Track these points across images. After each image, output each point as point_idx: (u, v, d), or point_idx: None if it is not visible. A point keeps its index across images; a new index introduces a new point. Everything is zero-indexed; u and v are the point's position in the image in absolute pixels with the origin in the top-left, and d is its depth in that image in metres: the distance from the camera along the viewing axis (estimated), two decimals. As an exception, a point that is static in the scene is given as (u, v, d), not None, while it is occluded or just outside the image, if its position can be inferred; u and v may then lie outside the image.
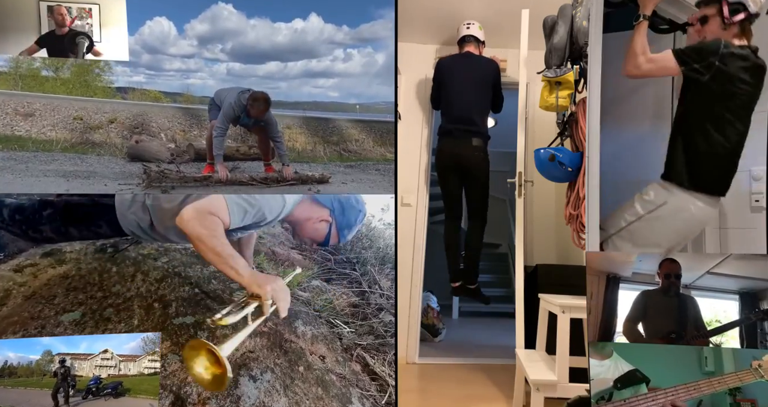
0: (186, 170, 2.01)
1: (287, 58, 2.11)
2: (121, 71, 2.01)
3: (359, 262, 2.37)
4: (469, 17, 3.82)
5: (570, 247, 3.38)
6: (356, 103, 2.19)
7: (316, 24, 2.06)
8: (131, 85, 2.05)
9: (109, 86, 2.03)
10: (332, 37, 2.11)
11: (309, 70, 2.15)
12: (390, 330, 2.15)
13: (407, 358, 3.99)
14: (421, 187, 4.15)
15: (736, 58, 2.01)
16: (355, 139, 2.27)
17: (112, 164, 1.96)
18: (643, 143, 2.55)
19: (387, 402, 1.95)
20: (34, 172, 1.87)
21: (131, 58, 1.99)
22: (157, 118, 2.11)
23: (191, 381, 1.72)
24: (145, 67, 2.03)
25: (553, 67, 2.83)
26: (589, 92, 2.20)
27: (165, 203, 1.73)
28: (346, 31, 2.07)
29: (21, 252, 1.93)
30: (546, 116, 3.48)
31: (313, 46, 2.10)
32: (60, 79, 2.01)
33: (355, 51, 2.13)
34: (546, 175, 2.89)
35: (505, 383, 3.35)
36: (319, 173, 2.16)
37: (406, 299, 3.99)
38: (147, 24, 1.96)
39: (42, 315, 1.75)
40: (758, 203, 2.23)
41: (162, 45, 1.99)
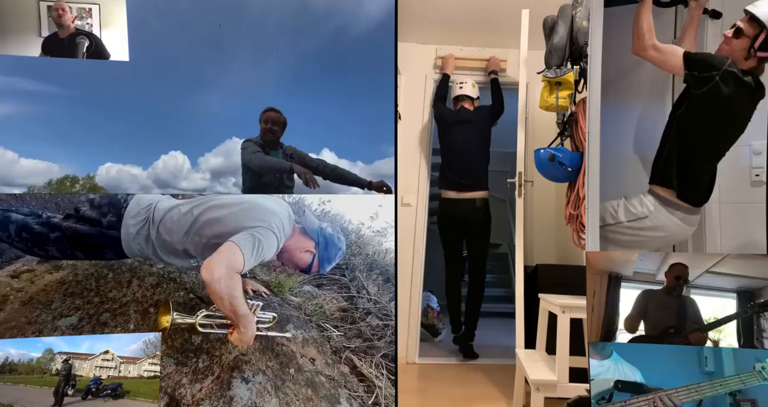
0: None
1: (300, 192, 2.11)
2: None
3: (348, 268, 2.41)
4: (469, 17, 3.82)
5: (570, 247, 3.38)
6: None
7: (330, 159, 2.06)
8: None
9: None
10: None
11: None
12: (377, 333, 2.18)
13: (407, 358, 3.99)
14: (421, 187, 4.15)
15: (737, 81, 2.00)
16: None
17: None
18: (643, 119, 2.55)
19: (374, 402, 1.99)
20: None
21: (141, 193, 1.99)
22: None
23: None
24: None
25: (553, 67, 2.83)
26: (589, 92, 2.20)
27: (168, 236, 1.81)
28: (362, 166, 2.08)
29: (18, 258, 1.93)
30: (546, 116, 3.48)
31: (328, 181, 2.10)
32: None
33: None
34: (546, 175, 2.89)
35: (505, 383, 3.35)
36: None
37: (406, 299, 4.00)
38: (162, 158, 1.95)
39: (39, 320, 1.77)
40: (758, 177, 2.25)
41: (174, 179, 1.98)
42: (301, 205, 2.13)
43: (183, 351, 1.83)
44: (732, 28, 2.06)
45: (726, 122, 2.10)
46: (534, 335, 3.07)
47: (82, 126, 1.93)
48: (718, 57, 2.06)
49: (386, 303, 2.27)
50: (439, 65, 4.18)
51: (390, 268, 2.38)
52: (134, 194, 1.88)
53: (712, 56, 2.09)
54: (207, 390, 1.77)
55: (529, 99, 3.51)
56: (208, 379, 1.79)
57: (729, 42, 2.06)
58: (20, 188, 1.86)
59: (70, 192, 1.90)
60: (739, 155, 2.23)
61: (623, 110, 2.54)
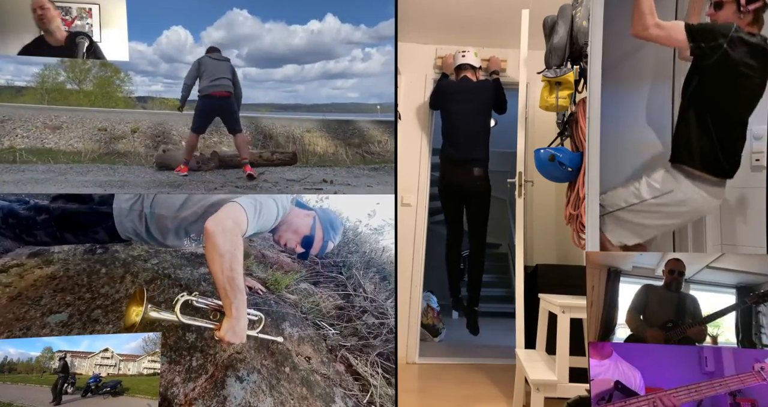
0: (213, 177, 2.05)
1: (304, 61, 2.09)
2: (140, 81, 2.03)
3: (345, 266, 2.40)
4: (469, 17, 3.82)
5: (570, 247, 3.38)
6: (377, 103, 2.16)
7: (332, 24, 2.04)
8: (150, 95, 2.07)
9: (129, 96, 2.05)
10: (350, 36, 2.08)
11: (327, 71, 2.12)
12: (373, 332, 2.17)
13: (407, 358, 3.99)
14: (422, 187, 4.15)
15: (745, 44, 2.01)
16: (377, 140, 2.24)
17: (142, 173, 2.01)
18: (644, 103, 2.55)
19: (369, 401, 1.97)
20: (74, 183, 1.90)
21: (150, 68, 2.01)
22: (177, 126, 2.13)
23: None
24: (163, 76, 2.04)
25: (553, 67, 2.83)
26: (589, 92, 2.20)
27: (162, 210, 1.75)
28: (365, 30, 2.04)
29: (7, 252, 1.90)
30: (546, 116, 3.48)
31: (331, 46, 2.08)
32: (83, 91, 2.04)
33: (374, 50, 2.10)
34: (546, 175, 2.89)
35: (505, 383, 3.35)
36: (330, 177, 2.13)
37: (406, 299, 3.99)
38: (164, 34, 1.98)
39: (27, 316, 1.73)
40: (758, 162, 2.25)
41: (179, 53, 2.00)
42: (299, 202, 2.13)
43: (176, 349, 1.80)
44: (710, 6, 2.10)
45: (742, 88, 2.08)
46: (534, 335, 3.07)
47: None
48: (724, 24, 2.06)
49: (382, 302, 2.26)
50: (439, 65, 4.18)
51: (387, 266, 2.38)
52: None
53: (717, 25, 2.09)
54: (200, 389, 1.73)
55: (529, 99, 3.50)
56: (202, 378, 1.76)
57: (716, 16, 2.09)
58: (36, 66, 1.90)
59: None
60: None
61: (625, 96, 2.53)
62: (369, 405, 1.97)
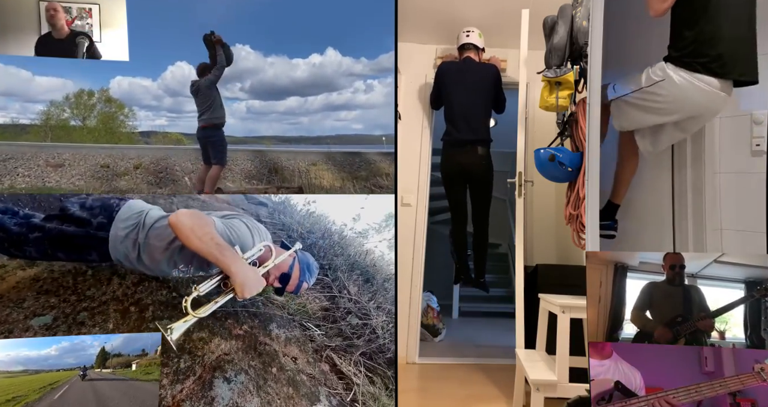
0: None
1: (307, 93, 2.12)
2: (144, 116, 2.07)
3: (331, 268, 2.41)
4: (469, 17, 3.82)
5: (570, 247, 3.38)
6: (382, 134, 2.18)
7: (333, 57, 2.08)
8: (154, 129, 2.10)
9: (132, 132, 2.09)
10: (351, 69, 2.12)
11: (330, 103, 2.16)
12: (357, 332, 2.18)
13: (407, 358, 3.99)
14: (421, 187, 4.15)
15: None
16: (385, 173, 2.22)
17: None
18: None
19: (352, 399, 2.00)
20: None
21: (154, 103, 2.05)
22: (180, 161, 2.16)
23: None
24: (167, 110, 2.09)
25: (553, 67, 2.83)
26: (589, 92, 2.20)
27: (156, 241, 1.78)
28: (365, 62, 2.09)
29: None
30: (546, 116, 3.47)
31: (333, 79, 2.11)
32: (87, 127, 2.07)
33: (375, 82, 2.14)
34: (546, 175, 2.89)
35: (505, 383, 3.35)
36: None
37: (406, 299, 3.99)
38: (169, 69, 2.03)
39: (9, 319, 1.72)
40: (759, 147, 2.24)
41: (183, 88, 2.04)
42: (286, 205, 2.12)
43: (164, 351, 1.80)
44: None
45: None
46: (534, 335, 3.07)
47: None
48: None
49: (365, 303, 2.27)
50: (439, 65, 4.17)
51: (370, 269, 2.40)
52: (126, 200, 1.88)
53: None
54: (188, 391, 1.73)
55: (529, 99, 3.50)
56: (190, 380, 1.76)
57: None
58: (42, 104, 1.94)
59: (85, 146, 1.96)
60: (739, 125, 2.22)
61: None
62: (352, 403, 1.99)
